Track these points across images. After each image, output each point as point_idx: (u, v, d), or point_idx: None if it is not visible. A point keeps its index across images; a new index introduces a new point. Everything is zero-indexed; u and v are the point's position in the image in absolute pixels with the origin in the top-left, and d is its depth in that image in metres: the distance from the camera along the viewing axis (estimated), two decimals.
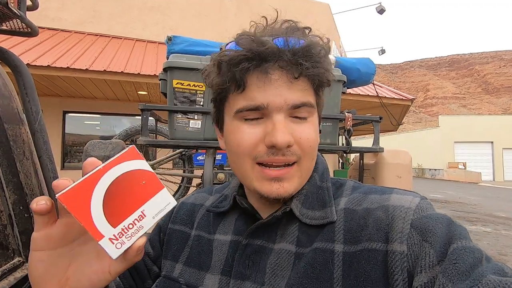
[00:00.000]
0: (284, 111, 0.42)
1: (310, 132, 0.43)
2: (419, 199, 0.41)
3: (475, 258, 0.33)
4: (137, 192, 0.34)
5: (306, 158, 0.44)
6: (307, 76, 0.42)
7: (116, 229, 0.33)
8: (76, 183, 0.31)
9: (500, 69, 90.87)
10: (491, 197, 11.69)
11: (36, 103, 1.08)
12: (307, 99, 0.42)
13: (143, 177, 0.35)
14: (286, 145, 0.41)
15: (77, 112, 6.24)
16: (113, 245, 0.32)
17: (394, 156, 1.75)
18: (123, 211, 0.33)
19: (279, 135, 0.40)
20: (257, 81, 0.41)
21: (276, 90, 0.41)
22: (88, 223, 0.31)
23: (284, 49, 0.40)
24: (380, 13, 9.64)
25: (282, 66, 0.40)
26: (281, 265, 0.43)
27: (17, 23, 1.07)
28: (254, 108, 0.42)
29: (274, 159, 0.42)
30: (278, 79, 0.41)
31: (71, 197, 0.31)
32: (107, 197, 0.33)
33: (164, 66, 1.48)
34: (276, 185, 0.42)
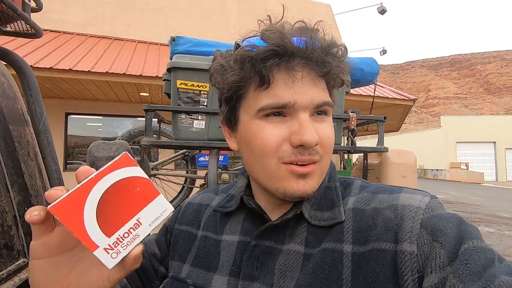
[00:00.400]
0: (310, 110, 0.41)
1: (330, 131, 0.43)
2: (429, 198, 0.40)
3: (487, 259, 0.32)
4: (131, 199, 0.34)
5: (326, 156, 0.44)
6: (331, 75, 0.42)
7: (111, 239, 0.32)
8: (68, 193, 0.31)
9: (502, 69, 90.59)
10: (494, 198, 11.63)
11: (40, 104, 1.08)
12: (328, 99, 0.43)
13: (138, 184, 0.34)
14: (315, 144, 0.40)
15: (79, 113, 6.27)
16: (108, 255, 0.32)
17: (398, 155, 1.74)
18: (117, 220, 0.33)
19: (309, 134, 0.39)
20: (284, 78, 0.40)
21: (302, 88, 0.40)
22: (81, 233, 0.31)
23: (313, 46, 0.39)
24: (382, 14, 9.63)
25: (309, 64, 0.40)
26: (289, 266, 0.42)
27: (21, 24, 1.07)
28: (280, 106, 0.41)
29: (301, 158, 0.41)
30: (305, 76, 0.40)
31: (63, 208, 0.30)
32: (101, 206, 0.32)
33: (168, 67, 1.48)
34: (302, 182, 0.42)
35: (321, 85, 0.42)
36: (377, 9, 9.62)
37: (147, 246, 0.59)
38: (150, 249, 0.58)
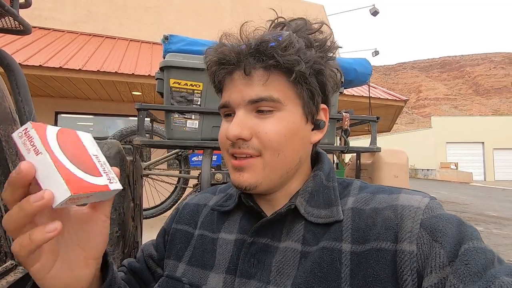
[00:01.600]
0: (243, 106, 0.44)
1: (271, 126, 0.43)
2: (429, 199, 0.41)
3: (487, 259, 0.32)
4: (75, 147, 0.36)
5: (268, 152, 0.43)
6: (262, 70, 0.43)
7: (103, 175, 0.37)
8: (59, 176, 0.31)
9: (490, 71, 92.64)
10: (482, 197, 11.89)
11: (29, 103, 1.05)
12: (267, 93, 0.43)
13: (63, 135, 0.36)
14: (236, 138, 0.43)
15: (70, 112, 6.15)
16: (114, 184, 0.37)
17: (391, 155, 1.76)
18: (90, 164, 0.37)
19: (230, 128, 0.43)
20: (227, 82, 0.46)
21: (236, 87, 0.44)
22: (97, 187, 0.35)
23: (239, 51, 0.43)
24: (374, 15, 9.73)
25: (239, 66, 0.44)
26: (286, 264, 0.42)
27: (9, 21, 1.04)
28: (224, 106, 0.46)
29: (233, 150, 0.45)
30: (238, 78, 0.44)
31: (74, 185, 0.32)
32: (76, 165, 0.34)
33: (161, 65, 1.46)
34: (237, 174, 0.45)
35: (259, 82, 0.43)
36: (370, 10, 9.72)
37: (144, 249, 0.59)
38: (147, 252, 0.58)
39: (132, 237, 1.40)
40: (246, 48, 0.43)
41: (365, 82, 1.98)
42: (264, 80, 0.43)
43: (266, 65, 0.42)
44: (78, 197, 0.32)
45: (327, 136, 1.62)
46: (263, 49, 0.41)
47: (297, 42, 0.42)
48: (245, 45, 0.43)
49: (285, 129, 0.44)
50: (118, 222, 1.28)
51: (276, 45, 0.41)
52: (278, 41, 0.41)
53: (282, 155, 0.44)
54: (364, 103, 6.42)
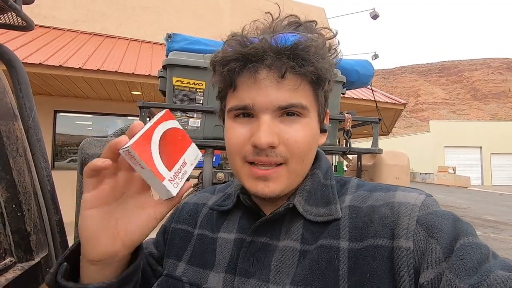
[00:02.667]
0: (271, 111, 0.42)
1: (299, 133, 0.42)
2: (425, 196, 0.41)
3: (482, 254, 0.33)
4: (178, 144, 0.42)
5: (294, 159, 0.43)
6: (295, 75, 0.41)
7: (171, 172, 0.39)
8: (138, 136, 0.37)
9: (488, 76, 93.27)
10: (480, 201, 11.92)
11: (30, 99, 1.04)
12: (296, 100, 0.41)
13: (179, 133, 0.43)
14: (268, 146, 0.41)
15: (69, 111, 6.13)
16: (172, 185, 0.39)
17: (392, 157, 1.76)
18: (173, 159, 0.40)
19: (261, 135, 0.40)
20: (245, 80, 0.42)
21: (262, 90, 0.41)
22: (154, 168, 0.37)
23: (269, 47, 0.40)
24: (374, 19, 9.78)
25: (268, 65, 0.40)
26: (286, 262, 0.42)
27: (12, 16, 1.03)
28: (242, 108, 0.43)
29: (258, 159, 0.42)
30: (264, 78, 0.41)
31: (139, 147, 0.36)
32: (160, 147, 0.39)
33: (164, 63, 1.45)
34: (261, 184, 0.43)
35: (288, 86, 0.41)
36: (370, 14, 9.77)
37: (145, 247, 0.58)
38: (148, 249, 0.58)
39: None
40: (281, 48, 0.39)
41: (366, 84, 1.98)
42: (297, 85, 0.41)
43: (302, 71, 0.40)
44: (135, 158, 0.36)
45: (328, 137, 1.61)
46: (303, 54, 0.40)
47: (328, 50, 0.42)
48: (275, 42, 0.40)
49: (310, 136, 0.44)
50: None
51: (315, 52, 0.40)
52: (315, 47, 0.40)
53: (306, 161, 0.44)
54: (363, 106, 6.44)
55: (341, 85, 1.58)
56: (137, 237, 0.40)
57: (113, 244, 0.39)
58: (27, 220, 0.74)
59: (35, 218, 0.77)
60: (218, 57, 0.43)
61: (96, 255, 0.39)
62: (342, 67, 1.75)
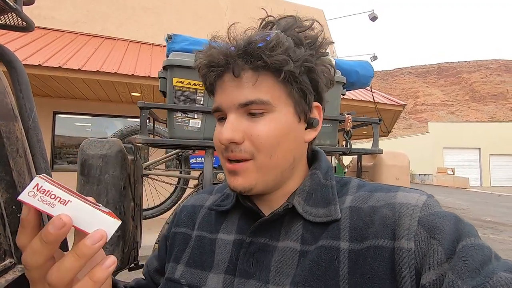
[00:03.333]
0: (234, 110, 0.44)
1: (263, 128, 0.42)
2: (426, 196, 0.41)
3: (485, 256, 0.33)
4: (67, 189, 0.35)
5: (261, 154, 0.43)
6: (251, 72, 0.42)
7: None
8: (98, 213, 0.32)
9: (487, 78, 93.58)
10: (479, 202, 11.94)
11: (30, 100, 1.04)
12: (255, 96, 0.42)
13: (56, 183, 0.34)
14: (228, 142, 0.43)
15: (68, 113, 6.12)
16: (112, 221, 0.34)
17: (392, 158, 1.76)
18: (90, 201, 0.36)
19: (223, 132, 0.43)
20: (218, 85, 0.46)
21: (226, 90, 0.44)
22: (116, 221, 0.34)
23: (225, 53, 0.42)
24: (373, 21, 9.81)
25: (228, 68, 0.43)
26: (285, 263, 0.42)
27: (12, 17, 1.03)
28: (216, 110, 0.46)
29: (226, 155, 0.45)
30: (228, 81, 0.44)
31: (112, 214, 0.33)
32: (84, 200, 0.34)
33: (165, 64, 1.45)
34: (232, 178, 0.45)
35: (248, 84, 0.42)
36: (369, 16, 9.80)
37: (148, 264, 0.59)
38: (151, 266, 0.59)
39: (132, 237, 1.38)
40: (234, 50, 0.42)
41: (367, 85, 1.98)
42: (253, 81, 0.42)
43: (254, 66, 0.42)
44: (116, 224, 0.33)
45: (329, 138, 1.61)
46: (251, 50, 0.41)
47: (285, 41, 0.41)
48: (234, 47, 0.42)
49: (276, 130, 0.43)
50: None
51: (264, 46, 0.41)
52: (266, 41, 0.41)
53: (275, 156, 0.44)
54: (363, 107, 6.45)
55: (341, 86, 1.58)
56: None
57: None
58: None
59: None
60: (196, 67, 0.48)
61: None
62: (342, 68, 1.75)
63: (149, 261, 0.59)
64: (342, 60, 2.01)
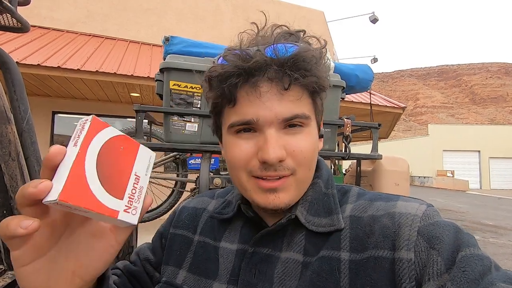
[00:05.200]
0: (276, 125, 0.41)
1: (304, 143, 0.42)
2: (426, 206, 0.41)
3: (484, 266, 0.33)
4: (121, 158, 0.34)
5: (301, 169, 0.43)
6: (298, 86, 0.41)
7: (125, 200, 0.33)
8: (65, 176, 0.28)
9: (487, 80, 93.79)
10: (479, 205, 11.92)
11: (24, 102, 1.03)
12: (300, 110, 0.41)
13: (119, 142, 0.34)
14: (278, 161, 0.40)
15: (67, 112, 6.11)
16: (129, 214, 0.33)
17: (392, 163, 1.75)
18: (121, 182, 0.33)
19: (270, 151, 0.39)
20: (247, 95, 0.41)
21: (266, 103, 0.40)
22: (99, 207, 0.30)
23: (270, 60, 0.39)
24: (373, 23, 9.83)
25: (270, 78, 0.40)
26: (288, 274, 0.42)
27: (7, 18, 1.02)
28: (245, 123, 0.42)
29: (266, 174, 0.41)
30: (267, 91, 0.40)
31: (70, 193, 0.28)
32: (100, 175, 0.31)
33: (161, 67, 1.44)
34: (271, 196, 0.42)
35: (291, 97, 0.41)
36: (369, 18, 9.82)
37: (140, 253, 0.57)
38: (144, 255, 0.56)
39: (127, 241, 1.37)
40: (283, 60, 0.39)
41: (366, 88, 1.97)
42: (300, 96, 0.42)
43: (305, 82, 0.41)
44: (69, 206, 0.28)
45: (327, 142, 1.60)
46: (305, 64, 0.40)
47: (326, 60, 0.43)
48: (275, 54, 0.39)
49: (313, 144, 0.44)
50: None
51: (315, 63, 0.41)
52: (315, 58, 0.41)
53: (312, 169, 0.45)
54: (362, 110, 6.44)
55: (341, 89, 1.57)
56: (97, 271, 0.36)
57: (69, 282, 0.34)
58: None
59: None
60: (216, 72, 0.41)
61: None
62: (341, 71, 1.74)
63: (141, 250, 0.57)
64: (342, 63, 2.00)
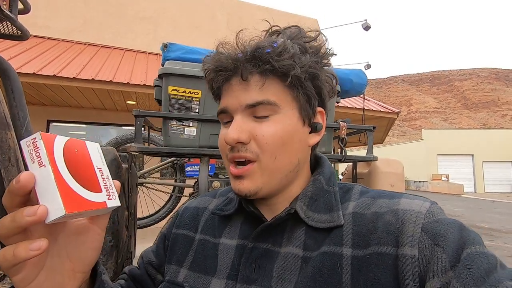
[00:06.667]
0: (241, 111, 0.45)
1: (269, 129, 0.43)
2: (430, 203, 0.41)
3: (490, 264, 0.32)
4: (80, 159, 0.37)
5: (265, 155, 0.44)
6: (259, 76, 0.44)
7: (103, 191, 0.37)
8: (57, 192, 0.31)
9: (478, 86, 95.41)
10: (474, 209, 12.00)
11: (23, 109, 1.03)
12: (264, 97, 0.43)
13: (71, 146, 0.36)
14: (235, 142, 0.43)
15: (62, 121, 6.07)
16: (112, 200, 0.38)
17: (387, 165, 1.77)
18: (92, 178, 0.37)
19: (229, 132, 0.44)
20: (224, 89, 0.47)
21: (233, 93, 0.45)
22: (93, 205, 0.34)
23: (234, 58, 0.44)
24: (366, 30, 9.98)
25: (237, 73, 0.44)
26: (288, 269, 0.42)
27: (7, 26, 1.03)
28: (221, 111, 0.47)
29: (232, 155, 0.45)
30: (235, 84, 0.45)
31: (71, 203, 0.31)
32: (77, 180, 0.34)
33: (160, 73, 1.46)
34: (237, 182, 0.45)
35: (256, 86, 0.44)
36: (362, 25, 9.97)
37: (144, 256, 0.58)
38: (147, 258, 0.57)
39: (125, 247, 1.35)
40: (242, 55, 0.44)
41: (360, 93, 2.01)
42: (261, 84, 0.44)
43: (262, 70, 0.43)
44: (72, 216, 0.32)
45: (324, 145, 1.62)
46: (259, 54, 0.43)
47: (291, 48, 0.43)
48: (241, 52, 0.44)
49: (282, 132, 0.44)
50: (112, 231, 1.24)
51: (272, 51, 0.42)
52: (273, 47, 0.43)
53: (280, 158, 0.44)
54: (357, 115, 6.51)
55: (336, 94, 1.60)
56: (92, 259, 0.39)
57: (72, 279, 0.38)
58: None
59: None
60: (204, 70, 0.49)
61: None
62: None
63: (145, 254, 0.59)
64: (336, 68, 2.03)
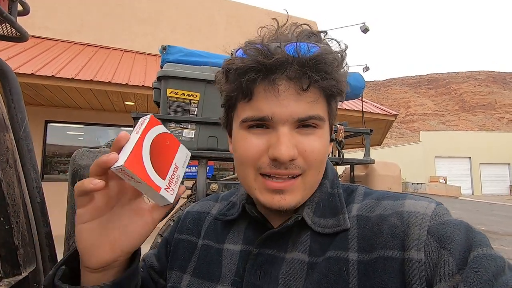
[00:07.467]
0: (289, 124, 0.40)
1: (316, 144, 0.42)
2: (435, 204, 0.40)
3: (498, 267, 0.31)
4: (167, 150, 0.43)
5: (311, 170, 0.42)
6: (316, 88, 0.41)
7: (166, 181, 0.41)
8: (129, 151, 0.37)
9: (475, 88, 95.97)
10: (471, 211, 12.04)
11: (22, 110, 1.03)
12: (315, 112, 0.41)
13: (166, 138, 0.43)
14: (289, 159, 0.40)
15: (60, 122, 6.05)
16: (168, 193, 0.41)
17: (384, 167, 1.78)
18: (165, 166, 0.42)
19: (282, 148, 0.39)
20: (264, 91, 0.40)
21: (282, 101, 0.40)
22: (149, 181, 0.38)
23: (292, 59, 0.38)
24: (364, 32, 10.01)
25: (290, 77, 0.39)
26: (294, 275, 0.41)
27: (6, 27, 1.03)
28: (259, 119, 0.41)
29: (276, 171, 0.41)
30: (285, 90, 0.40)
31: (132, 163, 0.37)
32: (151, 157, 0.40)
33: (159, 75, 1.46)
34: (277, 197, 0.42)
35: (308, 98, 0.40)
36: (360, 28, 10.01)
37: (146, 259, 0.58)
38: (149, 262, 0.57)
39: None
40: (304, 60, 0.38)
41: (358, 96, 2.02)
42: (317, 98, 0.41)
43: (324, 85, 0.40)
44: (129, 174, 0.36)
45: None
46: (325, 67, 0.39)
47: (344, 64, 0.42)
48: (297, 53, 0.38)
49: (325, 147, 0.43)
50: None
51: (336, 66, 0.40)
52: (336, 60, 0.40)
53: (321, 172, 0.44)
54: (355, 117, 6.53)
55: None
56: (134, 243, 0.42)
57: (111, 252, 0.41)
58: (15, 234, 0.72)
59: (24, 231, 0.75)
60: (235, 65, 0.41)
61: (95, 263, 0.41)
62: None
63: (147, 257, 0.58)
64: None
